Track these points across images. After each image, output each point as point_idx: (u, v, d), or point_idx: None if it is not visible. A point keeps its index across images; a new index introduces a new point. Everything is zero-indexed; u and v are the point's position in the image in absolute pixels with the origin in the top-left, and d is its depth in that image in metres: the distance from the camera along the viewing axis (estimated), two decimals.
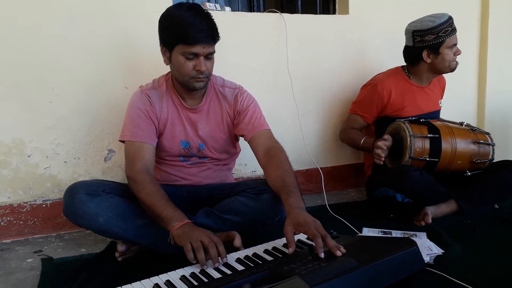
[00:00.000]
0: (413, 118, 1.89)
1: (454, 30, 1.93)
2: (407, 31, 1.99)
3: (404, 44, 2.04)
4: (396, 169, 1.82)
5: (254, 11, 2.64)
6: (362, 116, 2.06)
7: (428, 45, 1.92)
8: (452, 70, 2.01)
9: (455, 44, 1.95)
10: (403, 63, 2.10)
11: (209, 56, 1.44)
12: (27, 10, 1.70)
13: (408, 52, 2.02)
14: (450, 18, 1.92)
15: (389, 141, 1.82)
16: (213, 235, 1.21)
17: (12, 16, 1.68)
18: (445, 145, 1.80)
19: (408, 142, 1.76)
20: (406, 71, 2.06)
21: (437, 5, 2.46)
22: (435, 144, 1.79)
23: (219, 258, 1.13)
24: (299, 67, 2.21)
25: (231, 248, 1.33)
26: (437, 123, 1.89)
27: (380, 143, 1.81)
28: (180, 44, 1.40)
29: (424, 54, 1.95)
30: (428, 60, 1.95)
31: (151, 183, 1.36)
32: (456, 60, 1.98)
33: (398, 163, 1.84)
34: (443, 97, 2.19)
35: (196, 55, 1.40)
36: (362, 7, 2.32)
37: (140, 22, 1.85)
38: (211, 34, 1.40)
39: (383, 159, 1.81)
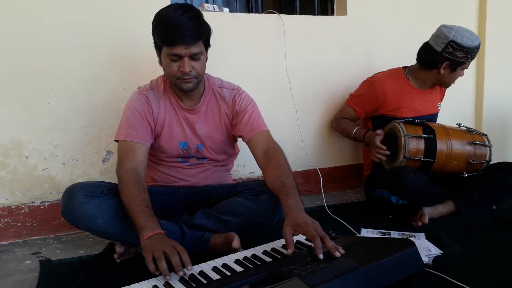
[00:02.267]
0: (409, 119, 1.90)
1: (475, 56, 1.92)
2: (443, 36, 1.85)
3: (426, 43, 1.96)
4: (391, 171, 1.83)
5: (252, 12, 2.65)
6: (355, 110, 2.10)
7: (453, 60, 1.87)
8: (448, 87, 2.07)
9: (466, 68, 1.97)
10: (401, 64, 2.10)
11: (196, 57, 1.40)
12: (26, 10, 1.70)
13: (430, 55, 1.92)
14: (480, 43, 1.88)
15: (381, 135, 1.88)
16: (178, 244, 1.14)
17: (10, 16, 1.68)
18: (440, 146, 1.81)
19: (402, 142, 1.77)
20: (406, 73, 2.05)
21: (435, 7, 2.47)
22: (430, 144, 1.80)
23: (187, 267, 1.08)
24: (297, 68, 2.21)
25: (230, 250, 1.33)
26: (433, 124, 1.89)
27: (378, 143, 1.86)
28: (164, 46, 1.39)
29: (443, 65, 1.90)
30: (442, 72, 1.92)
31: (134, 186, 1.32)
32: None
33: (393, 164, 1.84)
34: (443, 100, 2.19)
35: (180, 56, 1.38)
36: (360, 8, 2.32)
37: (139, 23, 1.84)
38: (193, 34, 1.35)
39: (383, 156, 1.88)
